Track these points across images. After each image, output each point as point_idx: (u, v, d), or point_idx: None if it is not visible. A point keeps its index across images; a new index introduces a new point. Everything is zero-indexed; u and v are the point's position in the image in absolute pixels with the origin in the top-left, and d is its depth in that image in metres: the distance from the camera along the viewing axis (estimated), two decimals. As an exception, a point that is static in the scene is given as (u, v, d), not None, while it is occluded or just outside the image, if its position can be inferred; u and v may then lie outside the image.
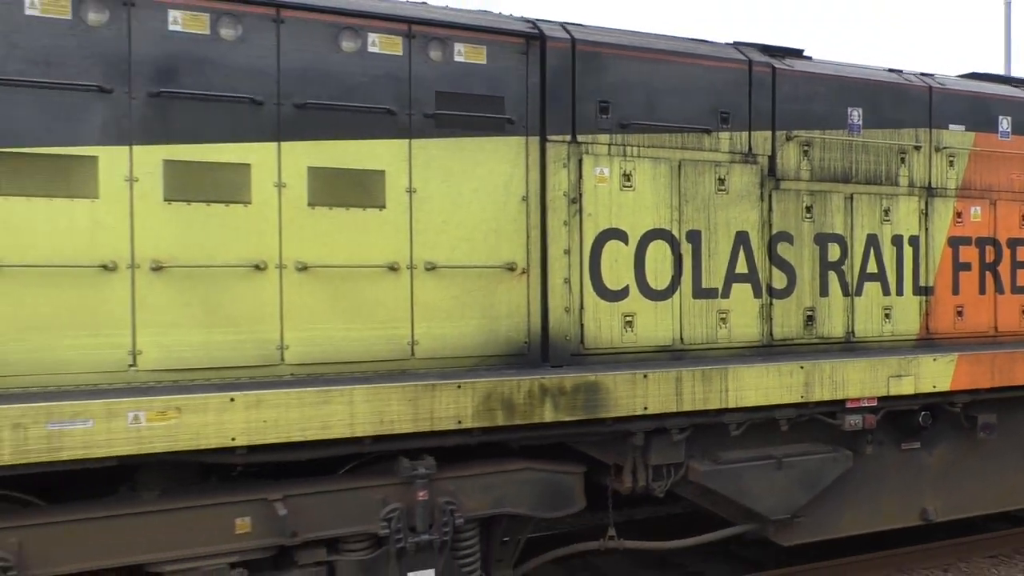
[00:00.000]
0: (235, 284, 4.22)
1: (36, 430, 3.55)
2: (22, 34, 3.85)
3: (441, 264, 4.63)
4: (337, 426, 4.06)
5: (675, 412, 4.86)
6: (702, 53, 5.42)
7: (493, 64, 4.75)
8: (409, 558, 4.32)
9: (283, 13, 4.30)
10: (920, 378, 5.62)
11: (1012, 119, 6.51)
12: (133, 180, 4.03)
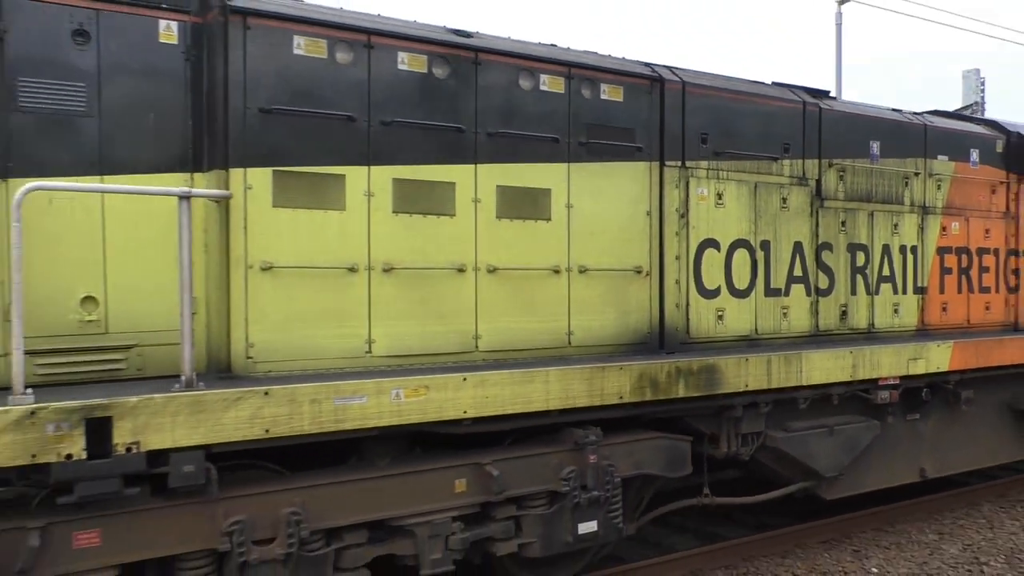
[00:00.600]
0: (442, 283, 5.00)
1: (327, 404, 4.26)
2: (291, 70, 4.52)
3: (590, 267, 5.54)
4: (536, 401, 4.92)
5: (766, 389, 5.96)
6: (770, 94, 6.56)
7: (627, 101, 5.71)
8: (580, 512, 5.22)
9: (480, 56, 5.12)
10: (929, 360, 6.97)
11: (979, 151, 8.01)
12: (370, 195, 4.75)
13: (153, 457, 3.86)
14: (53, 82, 4.13)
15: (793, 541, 7.02)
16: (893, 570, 6.56)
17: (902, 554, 6.93)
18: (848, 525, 7.42)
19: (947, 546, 7.15)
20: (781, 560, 6.70)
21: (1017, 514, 8.12)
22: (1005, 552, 7.01)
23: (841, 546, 7.09)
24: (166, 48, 4.41)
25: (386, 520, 4.66)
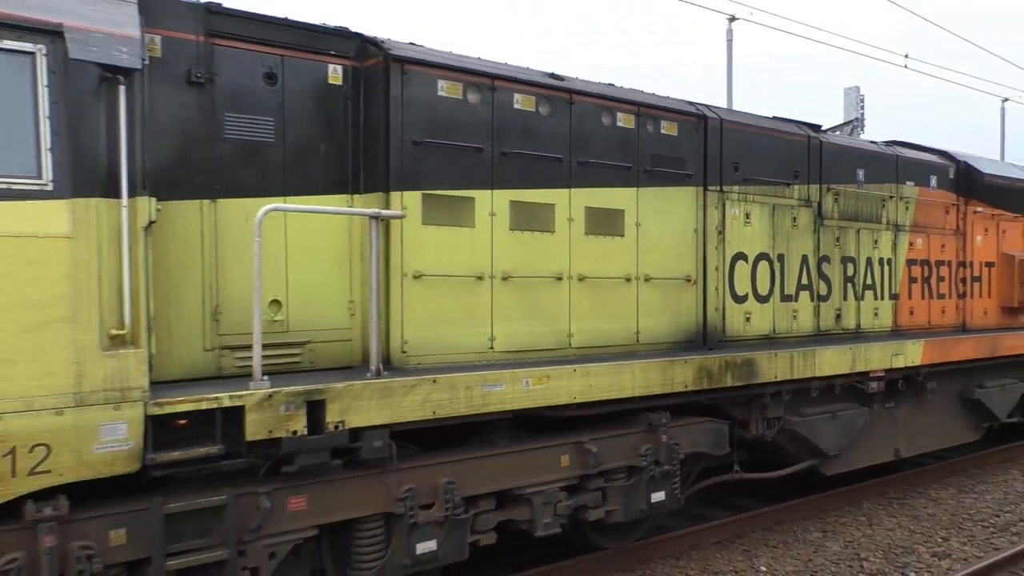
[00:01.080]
0: (544, 290, 5.88)
1: (477, 391, 5.08)
2: (435, 108, 5.33)
3: (653, 277, 6.51)
4: (626, 389, 5.86)
5: (788, 379, 7.05)
6: (784, 129, 7.69)
7: (680, 135, 6.71)
8: (653, 484, 6.17)
9: (573, 97, 6.03)
10: (906, 356, 8.22)
11: (936, 177, 9.37)
12: (493, 215, 5.59)
13: (351, 434, 4.62)
14: (249, 116, 4.83)
15: (688, 543, 7.13)
16: (780, 568, 6.73)
17: (789, 552, 7.12)
18: (739, 525, 7.56)
19: (830, 543, 7.36)
20: (676, 562, 6.80)
21: (895, 511, 8.40)
22: (883, 547, 7.28)
23: (733, 546, 7.23)
24: (333, 88, 5.16)
25: (510, 490, 5.50)
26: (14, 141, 3.69)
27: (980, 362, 9.35)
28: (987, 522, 8.10)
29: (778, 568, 6.76)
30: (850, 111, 23.71)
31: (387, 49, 5.16)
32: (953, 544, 7.43)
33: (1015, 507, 8.60)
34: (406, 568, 4.99)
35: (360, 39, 5.27)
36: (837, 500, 8.52)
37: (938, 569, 6.78)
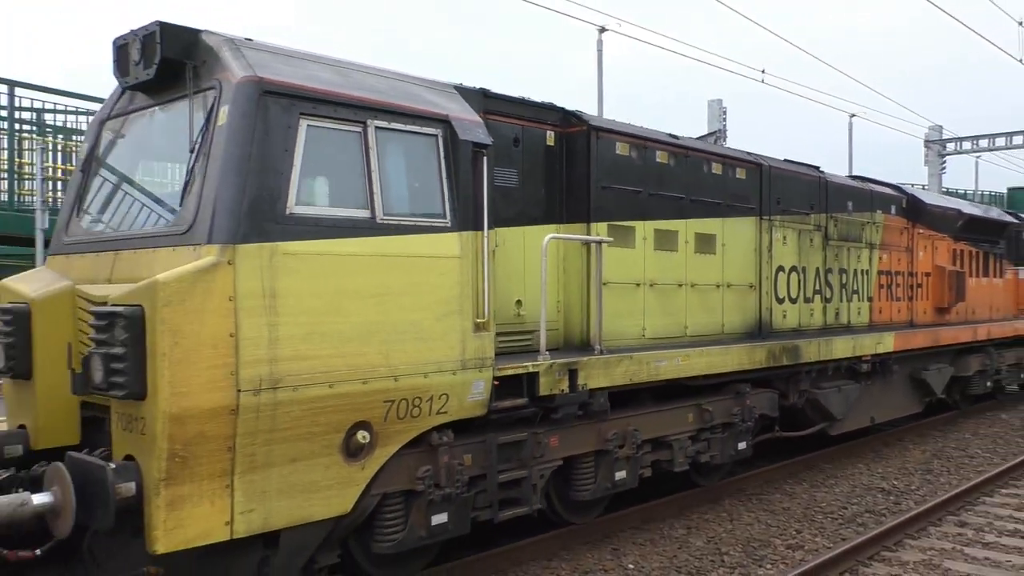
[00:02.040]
0: (672, 294, 8.04)
1: (652, 365, 7.21)
2: (613, 162, 7.40)
3: (732, 284, 8.78)
4: (729, 365, 8.10)
5: (817, 361, 9.47)
6: (805, 171, 10.13)
7: (747, 178, 9.02)
8: (738, 436, 8.43)
9: (688, 152, 8.23)
10: (885, 344, 10.83)
11: (895, 206, 12.08)
12: (644, 239, 7.71)
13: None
14: (506, 169, 6.79)
15: (559, 544, 7.25)
16: (647, 565, 6.94)
17: (655, 549, 7.34)
18: (607, 525, 7.74)
19: (694, 539, 7.65)
20: (548, 563, 6.92)
21: (753, 507, 8.73)
22: (743, 541, 7.59)
23: (602, 546, 7.39)
24: (549, 148, 7.17)
25: (661, 437, 7.63)
26: (431, 195, 5.58)
27: (925, 350, 12.12)
28: (836, 514, 8.58)
29: (645, 565, 6.94)
30: (713, 122, 25.77)
31: (588, 121, 7.22)
32: (805, 536, 7.84)
33: (861, 499, 9.14)
34: (607, 491, 7.06)
35: (564, 112, 7.30)
36: (700, 498, 8.78)
37: (791, 560, 7.14)
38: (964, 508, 8.78)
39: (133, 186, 5.57)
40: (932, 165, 33.89)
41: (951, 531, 8.01)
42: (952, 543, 7.62)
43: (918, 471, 10.46)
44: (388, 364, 5.25)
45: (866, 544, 7.25)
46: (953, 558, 7.24)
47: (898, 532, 7.71)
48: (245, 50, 5.04)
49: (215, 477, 4.58)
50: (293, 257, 4.82)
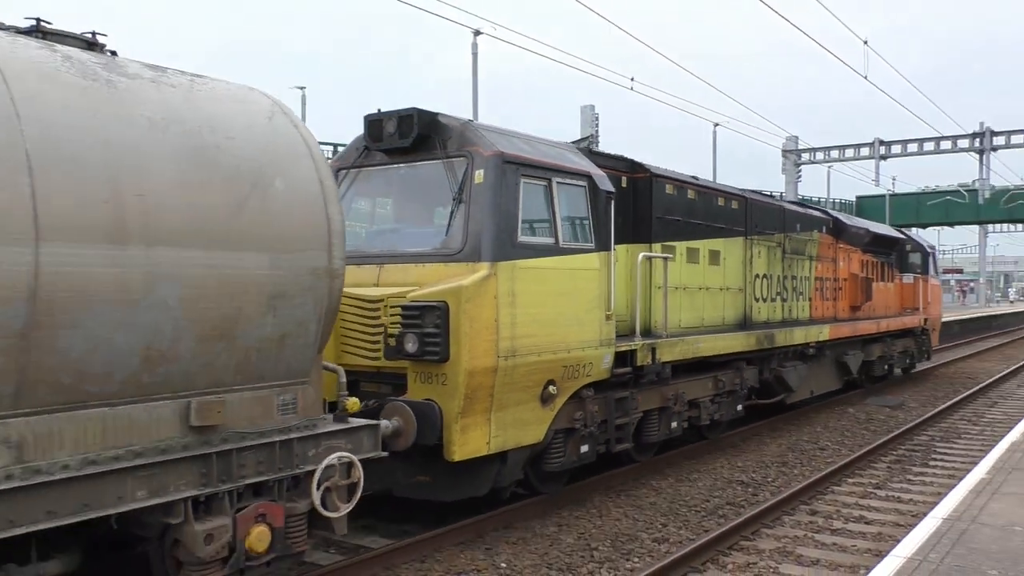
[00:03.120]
0: (696, 295, 10.89)
1: (694, 345, 10.04)
2: (666, 199, 10.18)
3: (729, 288, 11.74)
4: (735, 347, 11.05)
5: (783, 345, 12.58)
6: (770, 201, 13.25)
7: (739, 208, 12.00)
8: (737, 400, 11.41)
9: (706, 190, 11.12)
10: (823, 333, 14.11)
11: (825, 226, 15.43)
12: (681, 255, 10.52)
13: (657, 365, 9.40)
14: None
15: (432, 546, 7.23)
16: (519, 563, 7.00)
17: (527, 547, 7.42)
18: (481, 525, 7.77)
19: (565, 536, 7.78)
20: (420, 565, 6.90)
21: (620, 502, 8.94)
22: (611, 537, 7.77)
23: (475, 545, 7.40)
24: (623, 188, 9.87)
25: (694, 399, 10.48)
26: (583, 227, 8.19)
27: (847, 339, 15.54)
28: (699, 507, 8.91)
29: (517, 563, 7.02)
30: (586, 128, 26.09)
31: (649, 169, 9.97)
32: (671, 529, 8.12)
33: (722, 492, 9.54)
34: (666, 436, 9.84)
35: (632, 162, 10.02)
36: (571, 496, 8.94)
37: (657, 552, 7.39)
38: (815, 497, 9.38)
39: (390, 217, 7.94)
40: (789, 173, 35.97)
41: (803, 519, 8.55)
42: (804, 531, 8.12)
43: (774, 464, 11.05)
44: (565, 341, 7.85)
45: (726, 535, 7.56)
46: (805, 545, 7.68)
47: (755, 522, 8.10)
48: (482, 131, 7.54)
49: (483, 413, 7.07)
50: (522, 270, 7.36)
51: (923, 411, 15.47)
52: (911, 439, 12.93)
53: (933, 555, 5.74)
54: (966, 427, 14.14)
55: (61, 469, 4.37)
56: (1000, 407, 16.39)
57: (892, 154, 34.51)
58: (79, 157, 4.34)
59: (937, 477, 10.43)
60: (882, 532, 8.09)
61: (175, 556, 5.10)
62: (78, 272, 4.27)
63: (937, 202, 52.24)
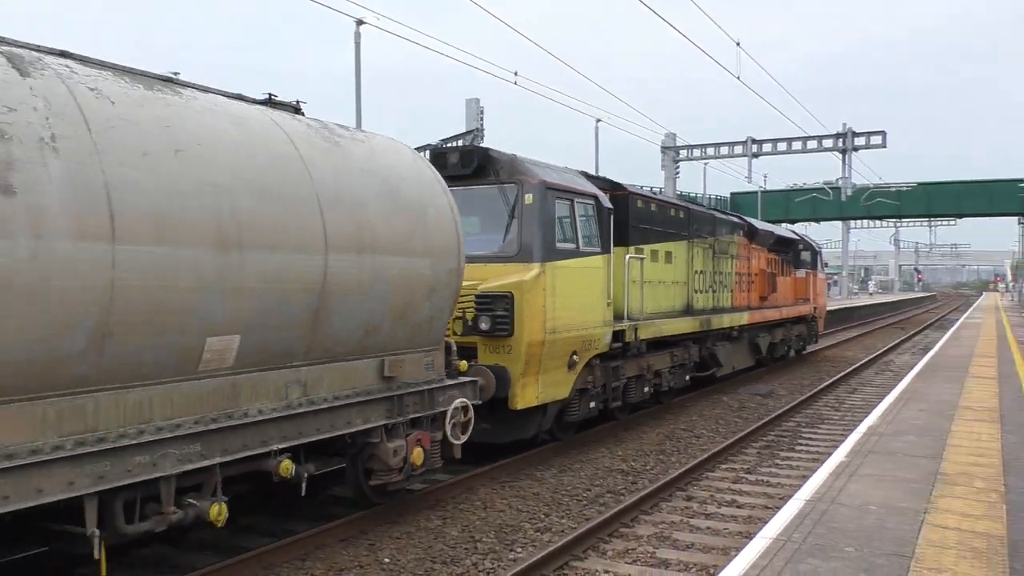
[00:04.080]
0: (658, 287, 13.67)
1: (659, 327, 12.83)
2: (640, 212, 12.90)
3: (677, 281, 14.59)
4: (686, 329, 13.93)
5: (716, 328, 15.58)
6: (704, 211, 16.22)
7: (684, 216, 14.87)
8: (685, 371, 14.30)
9: (663, 204, 13.91)
10: (744, 319, 17.24)
11: (742, 231, 18.57)
12: (648, 255, 13.28)
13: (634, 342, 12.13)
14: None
15: (314, 543, 7.12)
16: (403, 558, 6.95)
17: (411, 542, 7.34)
18: (364, 522, 7.68)
19: (449, 529, 7.73)
20: (302, 563, 6.78)
21: (505, 494, 8.96)
22: (495, 528, 7.80)
23: (358, 542, 7.31)
24: (608, 206, 12.52)
25: (658, 370, 13.26)
26: (593, 235, 10.79)
27: (759, 323, 18.76)
28: (581, 496, 9.02)
29: (401, 558, 6.98)
30: (471, 122, 25.88)
31: (627, 188, 12.66)
32: (553, 519, 8.20)
33: (603, 481, 9.68)
34: (641, 398, 12.58)
35: (613, 182, 12.67)
36: (455, 488, 8.98)
37: (540, 542, 7.48)
38: (691, 484, 9.66)
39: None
40: (668, 169, 35.72)
41: (680, 505, 8.77)
42: (680, 516, 8.36)
43: (653, 452, 11.36)
44: (584, 322, 10.44)
45: (606, 522, 7.72)
46: (681, 529, 7.92)
47: (634, 509, 8.29)
48: (527, 164, 10.02)
49: (534, 375, 9.58)
50: (558, 268, 9.90)
51: (791, 398, 16.42)
52: (780, 425, 13.56)
53: (796, 535, 5.83)
54: (829, 413, 15.10)
55: (323, 401, 6.66)
56: (860, 393, 17.56)
57: (764, 152, 34.97)
58: (337, 198, 6.62)
59: (802, 461, 10.97)
60: (752, 515, 8.38)
61: (368, 467, 7.42)
62: (341, 273, 6.55)
63: (805, 199, 55.72)
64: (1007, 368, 16.53)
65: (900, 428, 9.92)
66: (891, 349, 28.62)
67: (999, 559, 5.39)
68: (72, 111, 4.81)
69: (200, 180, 5.39)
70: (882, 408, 11.52)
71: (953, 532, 5.96)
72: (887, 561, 5.31)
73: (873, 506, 6.60)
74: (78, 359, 4.76)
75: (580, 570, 6.85)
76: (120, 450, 5.05)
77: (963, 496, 6.93)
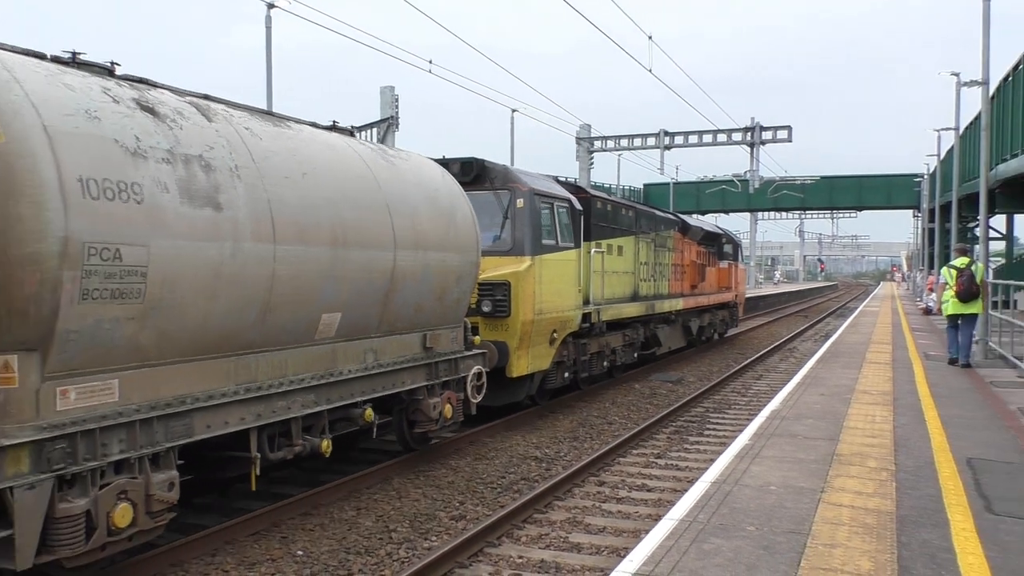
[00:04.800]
0: (614, 277, 15.84)
1: (619, 310, 15.01)
2: (600, 212, 15.04)
3: (627, 271, 16.80)
4: (635, 312, 16.16)
5: (658, 312, 17.89)
6: (647, 209, 18.50)
7: (633, 215, 17.08)
8: (634, 349, 16.55)
9: (616, 204, 16.10)
10: (681, 303, 19.64)
11: (677, 227, 20.95)
12: (606, 249, 15.43)
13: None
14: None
15: (223, 538, 6.96)
16: (316, 549, 6.92)
17: (325, 533, 7.29)
18: (276, 514, 7.55)
19: (363, 519, 7.68)
20: (211, 559, 6.63)
21: (420, 483, 8.97)
22: (410, 517, 7.78)
23: (270, 535, 7.20)
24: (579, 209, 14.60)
25: (614, 347, 15.45)
26: (568, 232, 12.86)
27: (691, 309, 21.21)
28: (495, 484, 9.05)
29: (314, 550, 6.90)
30: (386, 109, 25.48)
31: (589, 192, 14.77)
32: (468, 507, 8.19)
33: (517, 468, 9.76)
34: (602, 371, 14.74)
35: (577, 187, 14.75)
36: (370, 479, 8.92)
37: (455, 530, 7.46)
38: (603, 469, 9.77)
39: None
40: (582, 160, 36.13)
41: (592, 490, 8.85)
42: (592, 501, 8.43)
43: (566, 439, 11.52)
44: (562, 306, 12.50)
45: (520, 509, 7.77)
46: (593, 514, 7.99)
47: (548, 495, 8.38)
48: (518, 173, 12.00)
49: (525, 348, 11.60)
50: (544, 261, 11.93)
51: (700, 385, 16.88)
52: (689, 411, 13.88)
53: (701, 516, 5.93)
54: (736, 398, 15.47)
55: (389, 365, 8.54)
56: (765, 379, 18.09)
57: (675, 144, 35.72)
58: (399, 207, 8.48)
59: (710, 445, 11.14)
60: (661, 498, 8.54)
61: (411, 419, 9.32)
62: (404, 264, 8.42)
63: (715, 191, 56.97)
64: (901, 354, 17.45)
65: (801, 412, 10.22)
66: (795, 336, 29.85)
67: (888, 534, 5.57)
68: (241, 146, 6.58)
69: (319, 195, 7.20)
70: (785, 393, 11.85)
71: (847, 510, 6.12)
72: (785, 539, 5.43)
73: (774, 486, 6.72)
74: (250, 328, 6.55)
75: (494, 556, 6.87)
76: (270, 396, 6.85)
77: (857, 475, 7.13)
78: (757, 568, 4.91)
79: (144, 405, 5.66)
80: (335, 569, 6.53)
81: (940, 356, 16.62)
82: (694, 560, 5.05)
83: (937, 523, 5.81)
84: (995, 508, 6.17)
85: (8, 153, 4.72)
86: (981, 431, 9.09)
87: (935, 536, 5.53)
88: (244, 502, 8.09)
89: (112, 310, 5.25)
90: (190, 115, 6.27)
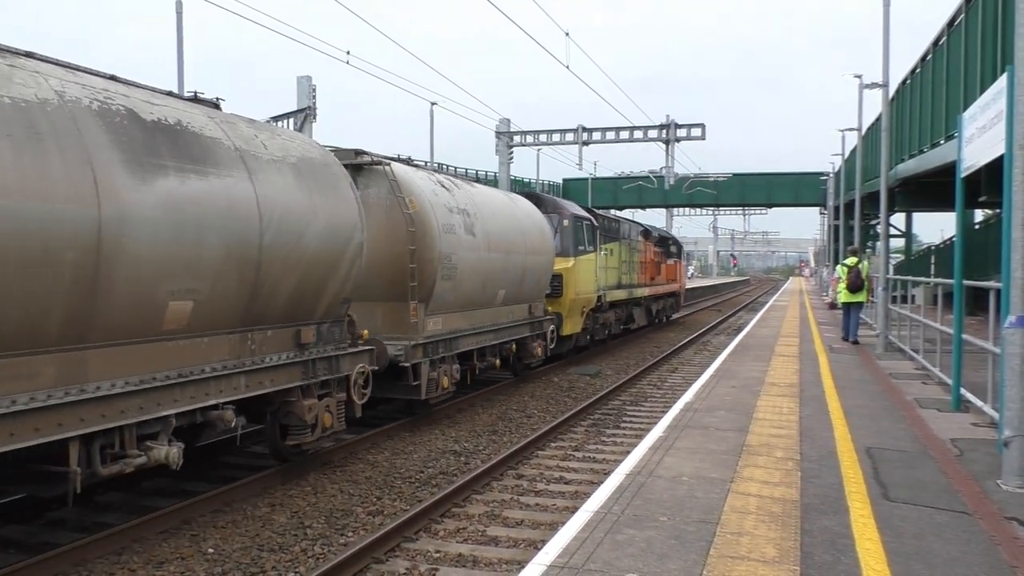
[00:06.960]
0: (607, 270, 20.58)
1: (619, 294, 19.23)
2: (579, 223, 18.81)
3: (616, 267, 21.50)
4: (623, 297, 21.88)
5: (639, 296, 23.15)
6: (629, 221, 24.89)
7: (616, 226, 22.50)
8: (621, 322, 21.45)
9: (609, 217, 20.70)
10: (646, 292, 25.21)
11: (642, 233, 26.25)
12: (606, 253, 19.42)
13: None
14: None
15: (131, 537, 6.76)
16: (228, 547, 6.71)
17: (237, 530, 7.10)
18: (186, 511, 7.37)
19: (278, 516, 7.53)
20: (118, 558, 6.44)
21: (336, 478, 8.81)
22: (326, 513, 7.65)
23: (180, 533, 7.03)
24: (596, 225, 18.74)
25: (615, 320, 19.99)
26: (588, 241, 18.49)
27: (654, 295, 26.62)
28: (414, 478, 8.90)
29: (225, 547, 6.72)
30: (303, 99, 24.49)
31: (596, 211, 20.04)
32: (385, 502, 8.04)
33: (436, 462, 9.59)
34: (603, 335, 21.19)
35: (590, 210, 19.69)
36: (287, 474, 8.67)
37: (372, 525, 7.33)
38: (522, 462, 9.62)
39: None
40: (502, 155, 35.28)
41: (510, 484, 8.73)
42: (511, 494, 8.34)
43: (485, 433, 11.28)
44: (587, 290, 18.91)
45: (438, 503, 7.67)
46: (511, 507, 7.93)
47: (466, 489, 8.23)
48: (562, 203, 18.22)
49: (570, 317, 17.94)
50: (579, 260, 18.29)
51: (617, 378, 16.85)
52: (606, 404, 13.77)
53: (616, 507, 5.89)
54: (652, 391, 15.50)
55: (520, 320, 14.71)
56: (680, 372, 18.30)
57: (593, 140, 35.38)
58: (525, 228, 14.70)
59: (626, 437, 11.02)
60: (578, 491, 8.40)
61: (519, 355, 15.44)
62: (528, 262, 14.59)
63: (632, 186, 57.28)
64: (807, 347, 17.66)
65: (713, 404, 10.23)
66: (709, 330, 29.85)
67: (793, 521, 5.59)
68: (459, 192, 12.57)
69: (501, 224, 13.35)
70: (698, 386, 11.80)
71: (754, 499, 6.09)
72: (696, 528, 5.44)
73: (686, 477, 6.71)
74: (479, 294, 12.78)
75: (412, 551, 6.74)
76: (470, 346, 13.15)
77: (764, 465, 7.10)
78: (668, 557, 4.90)
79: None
80: (248, 567, 6.37)
81: (844, 348, 17.24)
82: (608, 551, 5.02)
83: (838, 510, 5.84)
84: (891, 495, 6.26)
85: (421, 212, 10.89)
86: (880, 421, 9.20)
87: (835, 523, 5.56)
88: (151, 500, 7.94)
89: (446, 285, 11.31)
90: (461, 185, 12.70)
